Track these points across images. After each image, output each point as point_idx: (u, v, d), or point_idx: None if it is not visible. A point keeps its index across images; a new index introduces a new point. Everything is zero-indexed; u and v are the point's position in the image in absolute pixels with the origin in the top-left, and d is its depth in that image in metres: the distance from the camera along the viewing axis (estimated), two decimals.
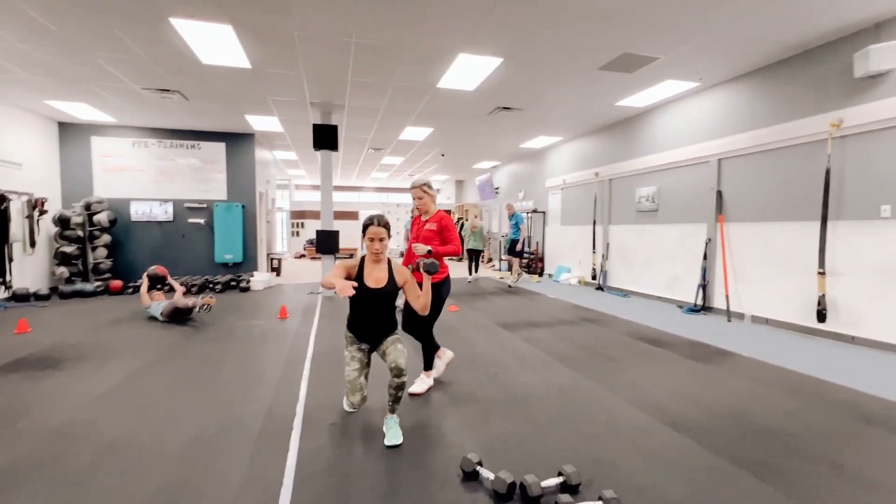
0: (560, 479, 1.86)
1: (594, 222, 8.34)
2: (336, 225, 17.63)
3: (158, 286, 5.75)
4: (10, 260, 6.51)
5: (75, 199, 7.77)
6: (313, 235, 17.26)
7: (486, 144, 9.97)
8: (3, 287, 6.43)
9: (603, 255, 8.12)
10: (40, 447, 2.21)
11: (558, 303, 6.71)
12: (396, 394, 2.30)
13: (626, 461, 2.11)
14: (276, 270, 10.23)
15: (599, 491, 1.75)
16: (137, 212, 8.19)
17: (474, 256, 9.53)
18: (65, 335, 4.52)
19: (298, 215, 17.27)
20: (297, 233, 16.84)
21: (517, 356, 3.86)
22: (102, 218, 7.61)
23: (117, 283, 7.43)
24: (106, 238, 7.72)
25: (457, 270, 10.13)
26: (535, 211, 10.82)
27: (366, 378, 2.46)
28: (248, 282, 7.93)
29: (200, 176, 8.56)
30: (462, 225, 15.69)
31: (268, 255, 10.26)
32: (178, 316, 5.13)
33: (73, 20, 4.03)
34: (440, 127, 8.19)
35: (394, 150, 10.46)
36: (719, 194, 5.64)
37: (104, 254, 7.76)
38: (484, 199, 13.83)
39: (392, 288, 2.39)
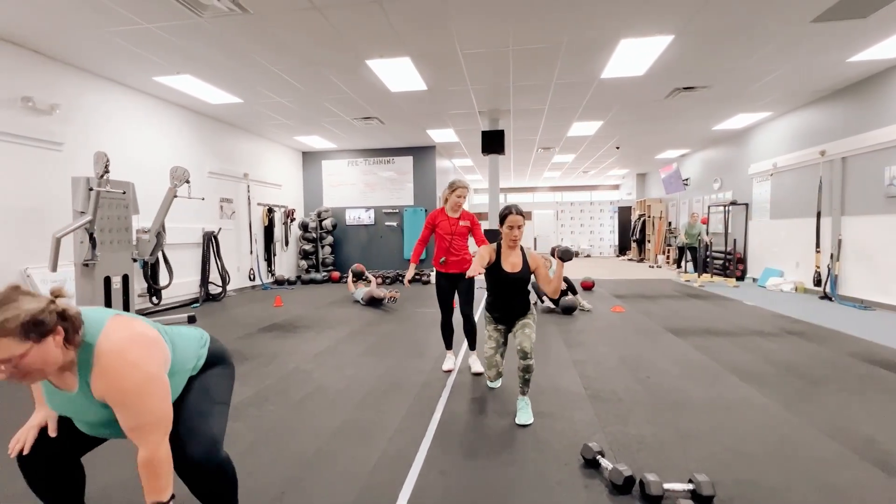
0: (689, 486, 1.74)
1: (818, 214, 6.62)
2: None
3: (357, 279, 7.19)
4: (274, 254, 9.05)
5: (311, 209, 10.24)
6: None
7: (669, 131, 8.93)
8: (270, 274, 8.98)
9: (832, 255, 6.38)
10: (278, 382, 3.16)
11: (755, 311, 5.61)
12: (524, 375, 2.47)
13: (791, 490, 1.79)
14: None
15: None
16: (350, 217, 10.27)
17: (690, 253, 9.96)
18: (301, 310, 6.09)
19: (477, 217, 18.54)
20: None
21: (680, 363, 3.49)
22: (328, 223, 9.82)
23: (336, 274, 9.48)
24: (330, 239, 9.94)
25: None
26: (733, 203, 9.15)
27: (501, 356, 2.69)
28: (429, 276, 9.06)
29: (394, 186, 10.16)
30: (643, 222, 14.34)
31: None
32: (373, 302, 6.32)
33: (309, 76, 5.44)
34: (611, 119, 7.77)
35: (563, 147, 10.34)
36: None
37: (329, 251, 9.99)
38: (670, 192, 12.33)
39: (525, 273, 2.57)
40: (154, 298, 5.93)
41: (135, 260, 4.91)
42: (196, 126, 6.99)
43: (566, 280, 6.06)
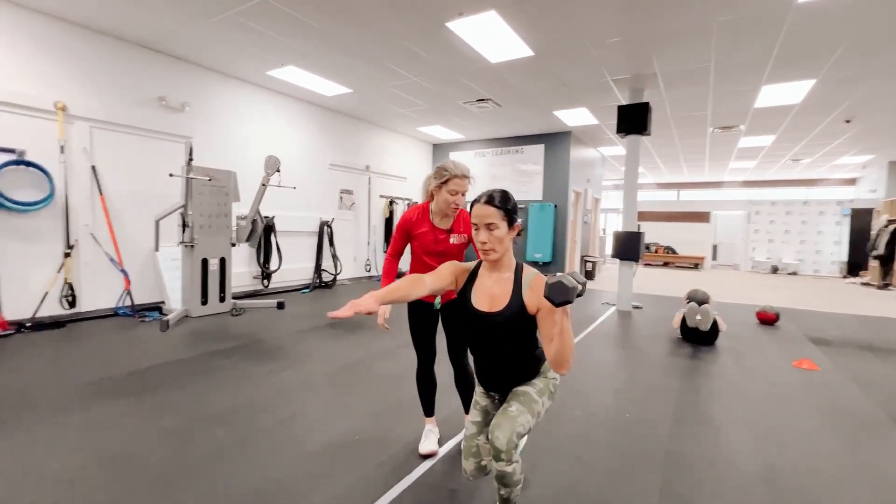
0: None
1: None
2: (678, 228, 15.10)
3: None
4: None
5: None
6: (648, 239, 15.48)
7: None
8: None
9: None
10: (261, 399, 2.69)
11: None
12: (500, 490, 1.37)
13: None
14: (589, 274, 9.64)
15: None
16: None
17: None
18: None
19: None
20: None
21: None
22: None
23: None
24: None
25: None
26: None
27: (487, 440, 1.62)
28: None
29: (522, 178, 9.11)
30: (894, 231, 9.87)
31: (582, 257, 9.82)
32: None
33: (394, 52, 4.93)
34: (830, 74, 5.21)
35: (753, 125, 7.63)
36: None
37: None
38: None
39: (517, 313, 1.43)
40: (265, 281, 6.35)
41: (233, 244, 5.20)
42: (317, 119, 7.29)
43: (714, 326, 4.25)
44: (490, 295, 1.48)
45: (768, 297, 7.51)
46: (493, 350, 1.50)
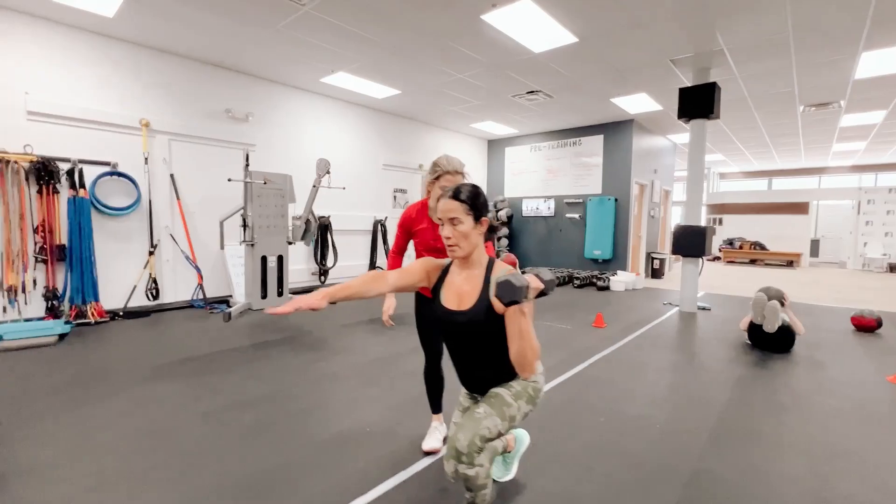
0: None
1: None
2: (769, 221, 13.52)
3: None
4: None
5: (492, 199, 9.88)
6: (733, 234, 13.97)
7: None
8: None
9: None
10: (282, 390, 2.85)
11: None
12: (466, 495, 1.32)
13: None
14: (656, 272, 8.95)
15: None
16: (527, 208, 9.39)
17: None
18: None
19: (717, 209, 14.46)
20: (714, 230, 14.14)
21: None
22: (503, 214, 9.26)
23: None
24: (504, 230, 9.35)
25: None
26: None
27: None
28: (608, 280, 7.36)
29: (579, 171, 8.70)
30: None
31: (648, 254, 9.15)
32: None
33: (436, 52, 4.95)
34: None
35: (855, 100, 6.58)
36: None
37: (505, 244, 9.43)
38: None
39: (483, 312, 1.37)
40: (322, 277, 6.73)
41: (290, 243, 5.58)
42: (370, 120, 7.54)
43: (787, 330, 3.76)
44: (458, 293, 1.43)
45: (877, 300, 6.45)
46: (463, 349, 1.46)
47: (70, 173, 4.46)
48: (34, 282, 4.34)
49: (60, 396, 2.63)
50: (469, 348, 1.45)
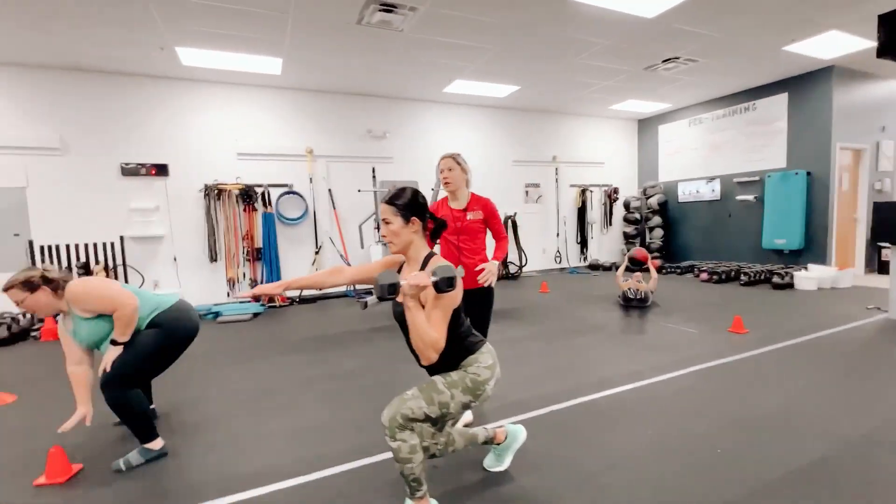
0: None
1: None
2: None
3: (635, 269, 5.68)
4: (591, 237, 8.61)
5: (641, 185, 8.85)
6: None
7: None
8: (583, 258, 8.65)
9: None
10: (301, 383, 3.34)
11: None
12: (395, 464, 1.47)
13: None
14: (885, 266, 6.58)
15: None
16: (684, 192, 8.09)
17: None
18: (554, 301, 5.66)
19: None
20: None
21: None
22: (654, 201, 8.21)
23: (656, 262, 7.81)
24: (657, 219, 8.27)
25: None
26: None
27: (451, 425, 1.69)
28: (790, 277, 5.83)
29: (754, 142, 7.08)
30: None
31: (875, 243, 6.78)
32: (627, 302, 4.96)
33: (590, 51, 4.86)
34: None
35: None
36: None
37: (659, 234, 8.35)
38: None
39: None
40: None
41: None
42: (496, 119, 7.72)
43: None
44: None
45: None
46: (407, 338, 1.59)
47: (262, 195, 6.02)
48: (244, 275, 6.03)
49: (243, 354, 3.72)
50: (408, 338, 1.58)
